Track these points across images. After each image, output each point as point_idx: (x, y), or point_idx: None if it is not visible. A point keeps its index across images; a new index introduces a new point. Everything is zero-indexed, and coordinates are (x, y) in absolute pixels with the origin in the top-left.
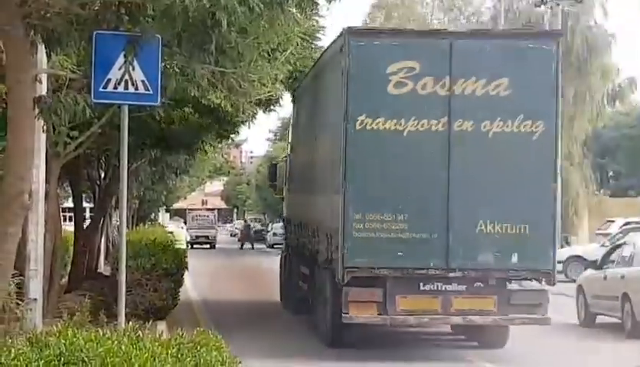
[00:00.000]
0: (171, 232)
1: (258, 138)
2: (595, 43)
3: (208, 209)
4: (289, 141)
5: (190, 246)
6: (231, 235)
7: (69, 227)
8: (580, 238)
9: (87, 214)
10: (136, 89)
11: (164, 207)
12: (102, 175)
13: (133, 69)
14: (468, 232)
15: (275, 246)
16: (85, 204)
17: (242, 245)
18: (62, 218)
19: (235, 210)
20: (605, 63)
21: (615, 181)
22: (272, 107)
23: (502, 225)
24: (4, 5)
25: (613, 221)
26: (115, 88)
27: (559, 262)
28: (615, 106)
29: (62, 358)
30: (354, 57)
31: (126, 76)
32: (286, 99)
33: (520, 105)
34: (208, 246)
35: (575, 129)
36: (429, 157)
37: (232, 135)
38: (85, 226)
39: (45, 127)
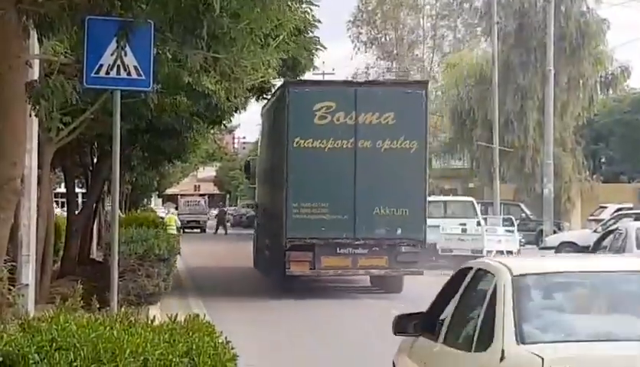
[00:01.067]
0: (162, 218)
1: (250, 123)
2: (589, 29)
3: (200, 195)
4: (259, 144)
5: (182, 231)
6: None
7: (61, 213)
8: (573, 224)
9: (80, 200)
10: (128, 74)
11: (157, 193)
12: (95, 160)
13: (125, 54)
14: (368, 214)
15: None
16: (77, 190)
17: (216, 230)
18: (54, 203)
19: (228, 196)
20: (599, 49)
21: (607, 167)
22: (264, 94)
23: (390, 209)
24: None
25: (606, 207)
26: (107, 73)
27: (552, 248)
28: (609, 93)
29: (54, 344)
30: (291, 100)
31: (118, 62)
32: (278, 85)
33: (402, 130)
34: (199, 230)
35: (568, 116)
36: (342, 165)
37: (224, 121)
38: (77, 212)
39: (34, 112)
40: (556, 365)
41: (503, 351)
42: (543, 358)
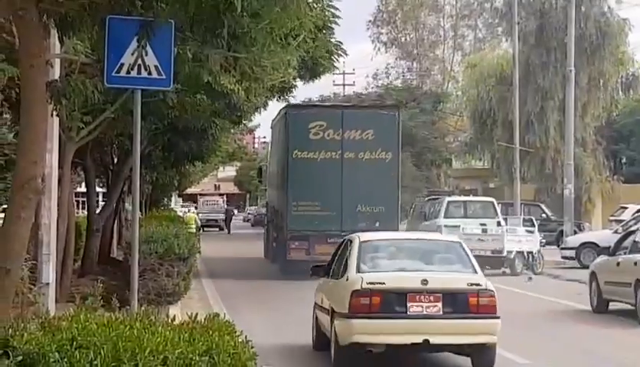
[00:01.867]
0: (181, 217)
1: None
2: (609, 29)
3: (219, 195)
4: (269, 153)
5: (202, 229)
6: (244, 221)
7: (82, 212)
8: (593, 225)
9: (100, 199)
10: (149, 73)
11: (177, 192)
12: (115, 160)
13: (146, 54)
14: (352, 211)
15: None
16: (98, 189)
17: (221, 228)
18: (75, 203)
19: (248, 195)
20: (620, 49)
21: (628, 168)
22: (284, 94)
23: (370, 207)
24: None
25: (626, 207)
26: (128, 73)
27: (572, 248)
28: (630, 93)
29: (74, 343)
30: (290, 119)
31: (139, 61)
32: (299, 85)
33: (379, 144)
34: (218, 229)
35: (588, 116)
36: (331, 172)
37: (244, 121)
38: (98, 211)
39: (55, 111)
40: (369, 280)
41: (348, 276)
42: (362, 277)
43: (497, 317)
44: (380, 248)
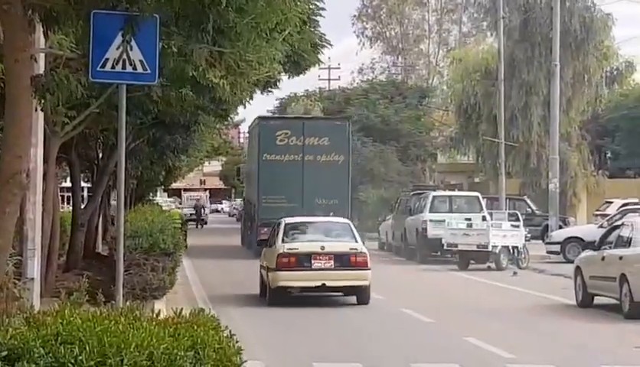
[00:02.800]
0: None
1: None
2: (593, 24)
3: (204, 190)
4: (246, 154)
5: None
6: (229, 216)
7: (67, 207)
8: (578, 219)
9: (85, 194)
10: (134, 68)
11: (163, 187)
12: (100, 155)
13: (131, 48)
14: (311, 203)
15: None
16: (83, 184)
17: (197, 225)
18: (60, 198)
19: (233, 190)
20: (604, 44)
21: (613, 162)
22: (270, 88)
23: (326, 200)
24: None
25: (611, 202)
26: (112, 67)
27: (557, 243)
28: (614, 88)
29: (59, 338)
30: (261, 128)
31: (124, 56)
32: (284, 80)
33: (333, 148)
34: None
35: (573, 111)
36: (294, 171)
37: (230, 115)
38: (83, 206)
39: (40, 106)
40: (288, 247)
41: (276, 246)
42: (284, 246)
43: (369, 269)
44: (296, 226)
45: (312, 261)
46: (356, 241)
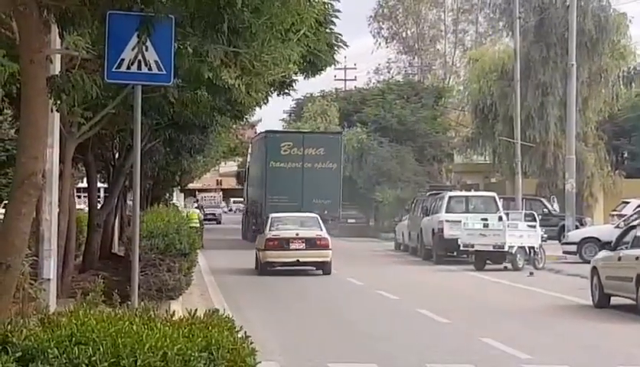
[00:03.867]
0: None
1: (272, 118)
2: (608, 24)
3: (220, 190)
4: (248, 161)
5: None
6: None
7: (83, 207)
8: (595, 219)
9: (102, 194)
10: (149, 69)
11: (179, 187)
12: (117, 155)
13: (146, 49)
14: (309, 203)
15: None
16: (99, 184)
17: (218, 221)
18: (76, 198)
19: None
20: (621, 44)
21: (630, 162)
22: (286, 90)
23: (321, 200)
24: None
25: (628, 202)
26: (128, 68)
27: (574, 244)
28: (632, 88)
29: (73, 339)
30: (268, 141)
31: (139, 57)
32: (300, 80)
33: (327, 158)
34: (215, 222)
35: (589, 111)
36: (295, 176)
37: (245, 116)
38: (99, 207)
39: (56, 106)
40: (272, 234)
41: (265, 233)
42: (270, 232)
43: (330, 249)
44: (280, 219)
45: (290, 244)
46: (321, 230)
